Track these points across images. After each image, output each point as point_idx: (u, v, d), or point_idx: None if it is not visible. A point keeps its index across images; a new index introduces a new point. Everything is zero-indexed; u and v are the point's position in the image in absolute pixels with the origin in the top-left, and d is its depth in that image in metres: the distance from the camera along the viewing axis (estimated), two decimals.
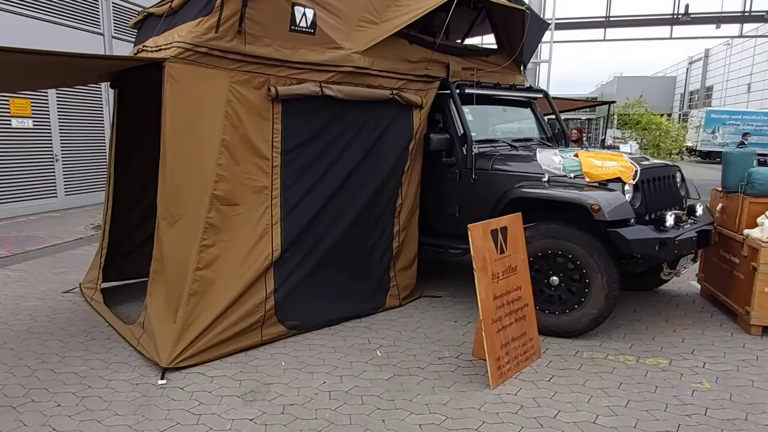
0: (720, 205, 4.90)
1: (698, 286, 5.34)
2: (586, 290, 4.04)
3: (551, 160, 4.39)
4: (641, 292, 5.28)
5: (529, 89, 5.75)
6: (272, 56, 3.96)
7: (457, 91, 4.95)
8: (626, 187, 4.05)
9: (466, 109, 5.05)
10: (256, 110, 3.98)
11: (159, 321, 3.79)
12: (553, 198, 4.14)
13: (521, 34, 5.57)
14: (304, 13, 4.02)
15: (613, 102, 7.85)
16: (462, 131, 4.83)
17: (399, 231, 4.88)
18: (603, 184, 4.10)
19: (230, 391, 3.29)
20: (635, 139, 10.92)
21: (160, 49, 4.01)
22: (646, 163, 4.43)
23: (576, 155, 4.36)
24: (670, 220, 4.10)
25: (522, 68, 6.04)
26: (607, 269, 3.93)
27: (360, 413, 3.04)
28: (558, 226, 4.05)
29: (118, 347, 3.94)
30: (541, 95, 5.91)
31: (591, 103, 9.03)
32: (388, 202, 4.76)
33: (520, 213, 3.82)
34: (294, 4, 3.95)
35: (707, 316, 4.68)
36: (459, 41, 6.30)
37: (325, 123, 4.31)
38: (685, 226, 4.27)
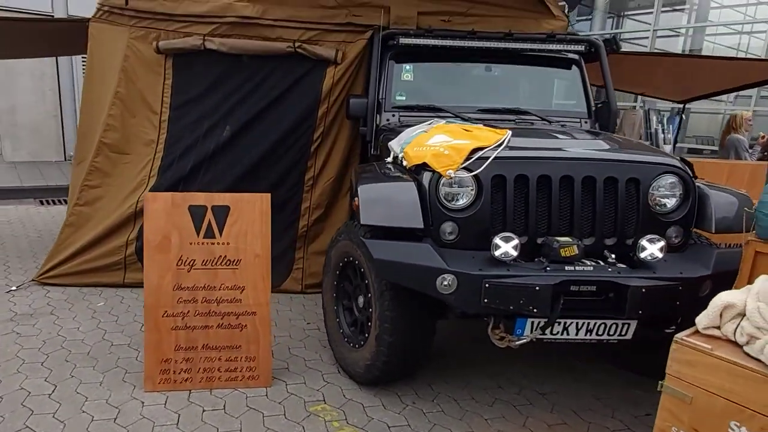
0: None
1: None
2: (369, 323, 2.76)
3: (408, 134, 3.04)
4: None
5: (551, 39, 3.81)
6: (157, 10, 4.02)
7: (393, 41, 3.82)
8: (444, 182, 2.50)
9: (407, 66, 3.91)
10: (150, 65, 4.14)
11: None
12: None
13: None
14: None
15: None
16: (374, 94, 3.76)
17: (310, 208, 4.26)
18: (414, 171, 2.65)
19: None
20: None
21: None
22: (531, 150, 2.60)
23: (438, 129, 2.89)
24: (503, 246, 2.34)
25: (565, 9, 4.15)
26: (381, 298, 2.59)
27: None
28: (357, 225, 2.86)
29: None
30: (581, 47, 3.88)
31: None
32: (289, 173, 4.19)
33: (268, 194, 2.88)
34: None
35: None
36: None
37: (216, 79, 4.11)
38: (569, 267, 2.37)
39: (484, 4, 4.05)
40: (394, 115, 3.73)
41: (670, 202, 2.60)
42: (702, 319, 1.96)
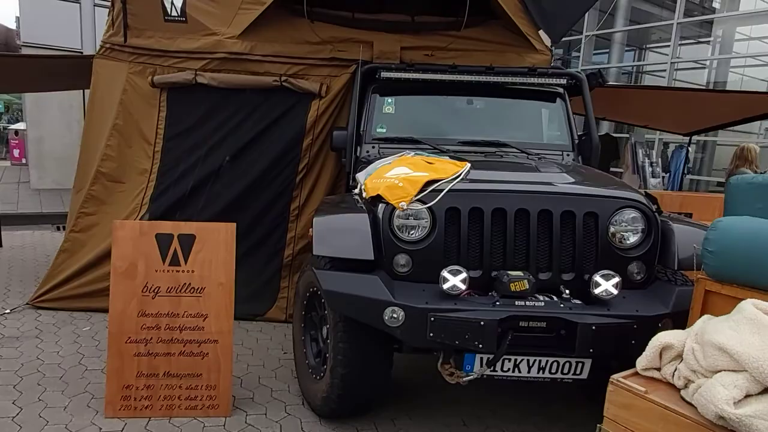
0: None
1: None
2: (327, 354, 2.75)
3: (374, 166, 3.07)
4: None
5: (532, 72, 3.81)
6: (154, 47, 4.21)
7: (375, 75, 3.89)
8: (400, 213, 2.51)
9: (389, 99, 3.97)
10: (146, 98, 4.32)
11: None
12: None
13: None
14: (173, 2, 4.09)
15: None
16: (353, 126, 3.81)
17: (295, 238, 4.30)
18: (371, 203, 2.66)
19: None
20: None
21: None
22: (488, 183, 2.59)
23: (401, 161, 2.92)
24: (451, 280, 2.32)
25: (551, 41, 4.16)
26: (335, 330, 2.58)
27: None
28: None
29: None
30: (563, 80, 3.86)
31: None
32: (275, 202, 4.26)
33: (233, 224, 2.93)
34: None
35: None
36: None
37: (206, 112, 4.25)
38: (520, 302, 2.32)
39: (467, 38, 4.12)
40: (374, 147, 3.77)
41: (632, 238, 2.54)
42: (641, 360, 1.89)
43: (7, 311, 4.21)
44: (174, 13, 4.12)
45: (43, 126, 10.17)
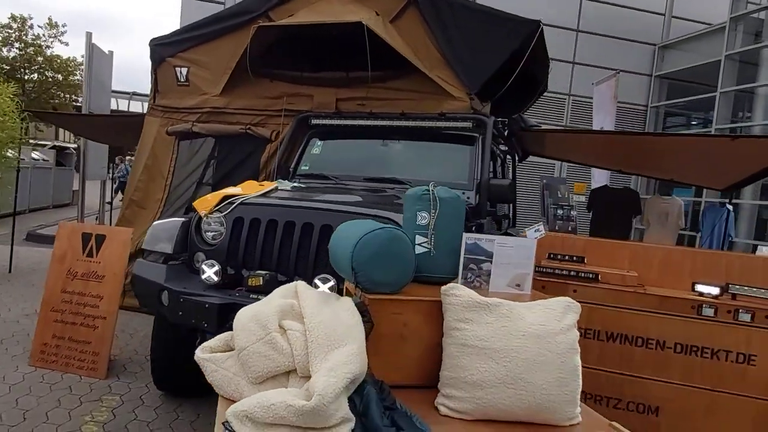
0: None
1: None
2: None
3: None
4: None
5: (441, 117, 4.12)
6: (171, 105, 5.51)
7: (310, 122, 4.61)
8: (203, 219, 3.10)
9: (318, 142, 4.60)
10: (165, 144, 5.61)
11: None
12: None
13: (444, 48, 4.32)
14: (181, 71, 5.34)
15: None
16: (276, 164, 4.51)
17: None
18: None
19: None
20: None
21: None
22: (278, 200, 3.06)
23: (243, 184, 3.52)
24: (207, 271, 2.81)
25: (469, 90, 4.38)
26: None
27: None
28: None
29: None
30: (468, 124, 4.11)
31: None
32: None
33: (130, 229, 3.77)
34: (174, 66, 5.36)
35: None
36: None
37: (199, 153, 5.36)
38: (254, 296, 2.71)
39: (393, 89, 4.57)
40: (297, 181, 4.40)
41: None
42: None
43: None
44: (182, 79, 5.37)
45: None
